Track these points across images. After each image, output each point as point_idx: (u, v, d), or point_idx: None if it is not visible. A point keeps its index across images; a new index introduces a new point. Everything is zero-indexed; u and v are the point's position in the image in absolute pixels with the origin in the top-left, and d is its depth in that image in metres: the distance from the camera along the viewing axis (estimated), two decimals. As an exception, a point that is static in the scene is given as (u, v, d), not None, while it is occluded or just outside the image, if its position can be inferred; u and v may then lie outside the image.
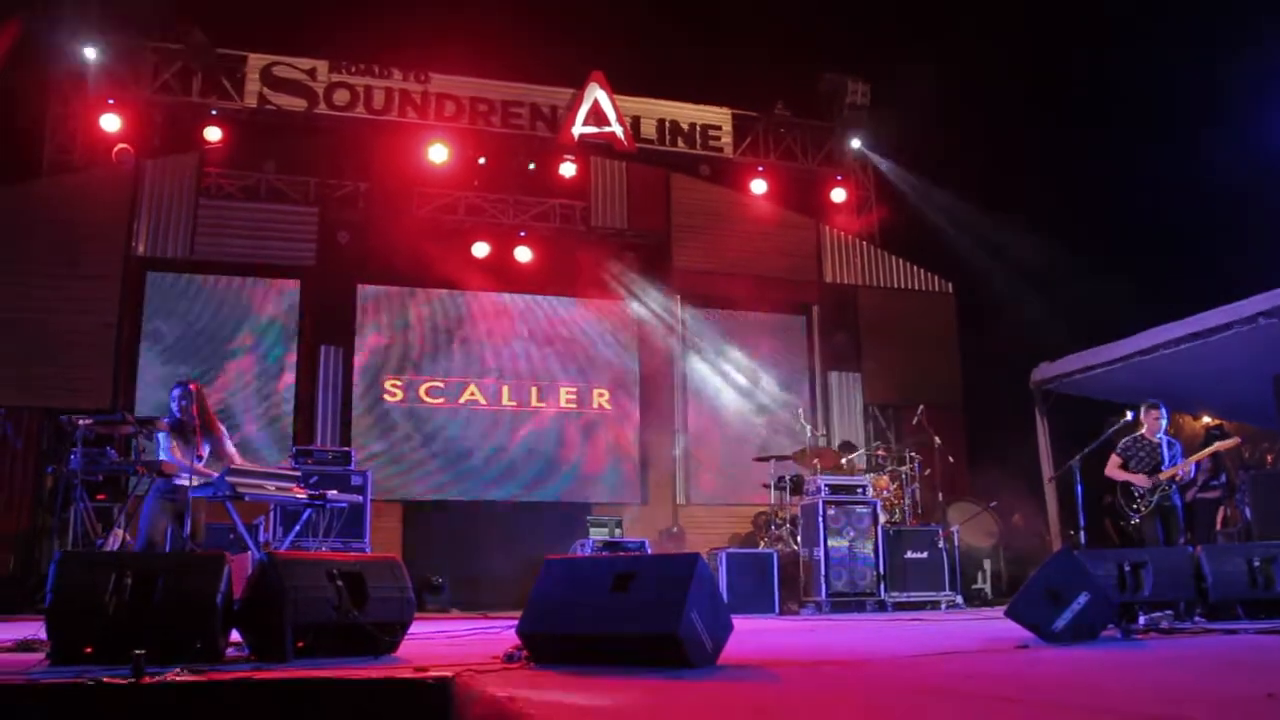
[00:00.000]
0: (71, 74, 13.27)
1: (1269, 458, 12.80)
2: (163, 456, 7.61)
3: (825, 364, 15.54)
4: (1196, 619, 6.61)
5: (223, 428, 8.04)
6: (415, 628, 5.70)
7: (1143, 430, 9.29)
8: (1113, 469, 9.34)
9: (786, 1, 16.74)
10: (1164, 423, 9.27)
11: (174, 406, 7.80)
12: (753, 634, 6.82)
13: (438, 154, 14.06)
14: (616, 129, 14.99)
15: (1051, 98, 16.16)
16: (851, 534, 10.39)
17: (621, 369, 14.83)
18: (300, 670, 4.44)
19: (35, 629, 5.48)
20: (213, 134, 13.68)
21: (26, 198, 12.87)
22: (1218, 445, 9.71)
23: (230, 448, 7.91)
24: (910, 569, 10.66)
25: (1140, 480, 9.09)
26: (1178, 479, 9.14)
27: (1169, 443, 9.22)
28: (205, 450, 7.69)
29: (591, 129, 14.93)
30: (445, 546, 13.10)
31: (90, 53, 13.06)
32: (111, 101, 13.19)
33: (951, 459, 12.81)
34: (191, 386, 7.90)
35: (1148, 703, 3.55)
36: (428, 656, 5.17)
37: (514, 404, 14.24)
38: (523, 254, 14.58)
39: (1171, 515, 9.07)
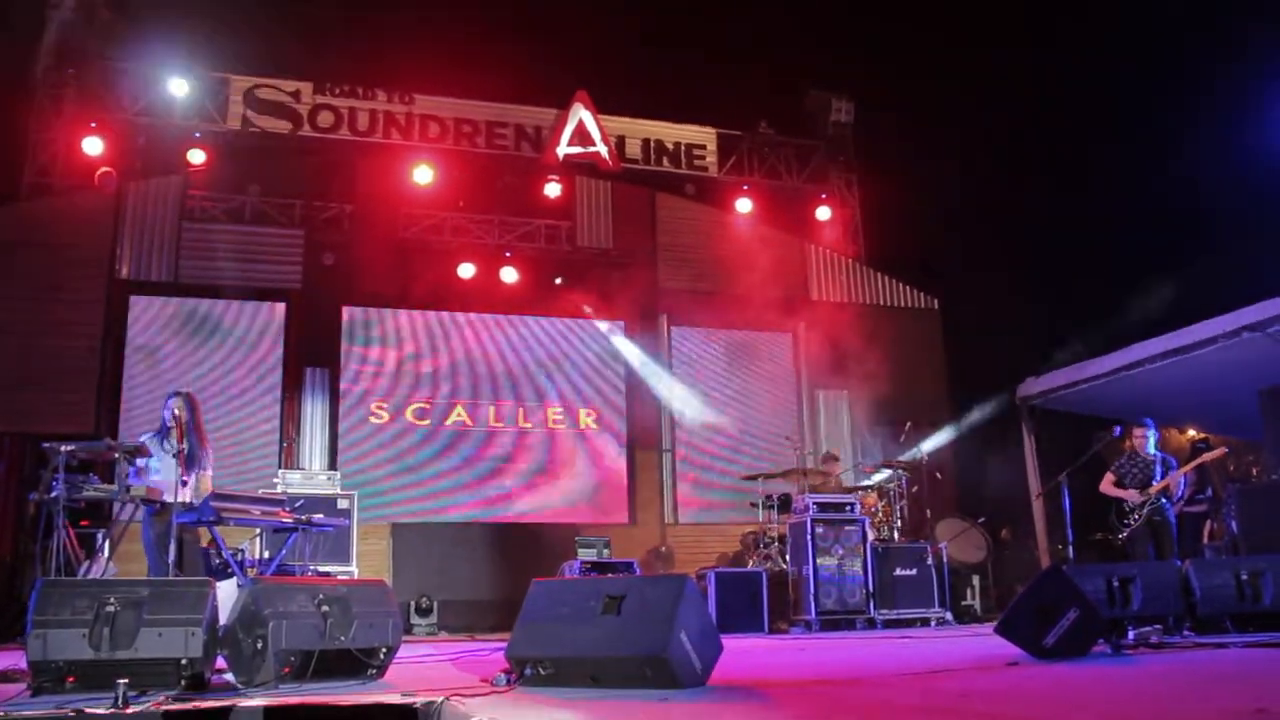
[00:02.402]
0: (52, 96, 13.22)
1: (1254, 470, 12.84)
2: (149, 472, 7.52)
3: (812, 382, 15.51)
4: (1185, 633, 6.62)
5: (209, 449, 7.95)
6: (403, 651, 5.66)
7: (1135, 448, 9.39)
8: (1106, 485, 9.46)
9: (770, 20, 16.82)
10: (1151, 439, 9.37)
11: (165, 415, 7.70)
12: (743, 654, 6.80)
13: (422, 175, 14.02)
14: (601, 149, 14.98)
15: (1036, 115, 16.25)
16: (840, 552, 10.36)
17: (608, 389, 14.79)
18: (286, 697, 4.40)
19: (16, 659, 5.42)
20: (196, 156, 13.58)
21: (7, 221, 12.75)
22: (1205, 456, 9.74)
23: (207, 472, 7.81)
24: (899, 586, 10.63)
25: (1131, 495, 9.16)
26: (1169, 491, 9.21)
27: (1163, 459, 9.33)
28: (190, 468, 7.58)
29: (576, 149, 14.91)
30: (433, 568, 13.02)
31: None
32: (94, 124, 13.12)
33: (939, 475, 12.81)
34: (189, 394, 7.84)
35: (1140, 718, 3.54)
36: (415, 680, 5.14)
37: (500, 424, 14.19)
38: (508, 274, 14.52)
39: (1163, 529, 9.15)
